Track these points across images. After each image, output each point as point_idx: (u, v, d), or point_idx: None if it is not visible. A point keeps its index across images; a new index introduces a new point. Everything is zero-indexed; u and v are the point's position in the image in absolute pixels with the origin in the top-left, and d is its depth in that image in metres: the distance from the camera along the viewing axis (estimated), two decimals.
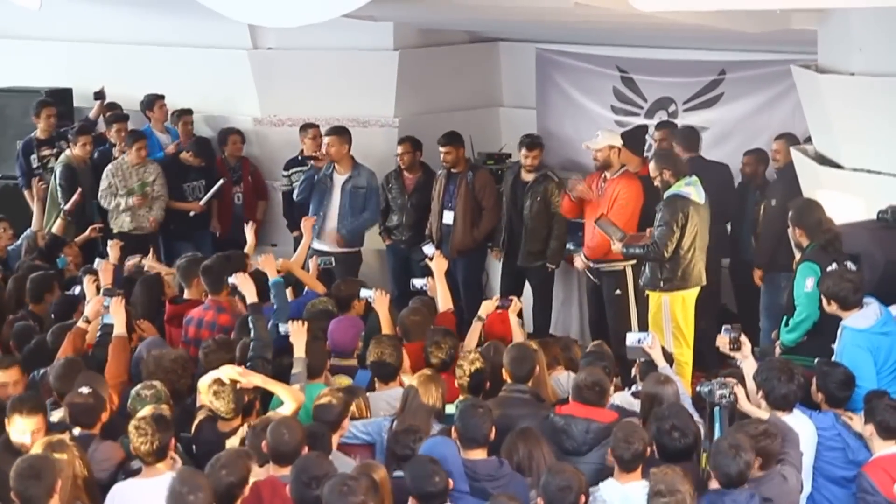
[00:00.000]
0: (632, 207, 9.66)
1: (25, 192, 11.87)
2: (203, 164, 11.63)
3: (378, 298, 8.19)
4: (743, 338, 7.06)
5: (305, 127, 11.57)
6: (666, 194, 8.99)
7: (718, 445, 5.82)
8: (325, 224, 10.75)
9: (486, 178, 11.09)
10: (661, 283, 9.04)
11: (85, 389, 6.47)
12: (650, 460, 6.11)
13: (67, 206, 10.97)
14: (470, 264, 11.05)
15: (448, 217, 10.96)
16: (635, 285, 9.76)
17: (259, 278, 8.48)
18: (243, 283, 7.84)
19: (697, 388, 6.82)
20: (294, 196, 11.07)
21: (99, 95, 12.30)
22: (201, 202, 11.53)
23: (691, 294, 9.08)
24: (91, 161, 11.47)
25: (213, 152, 11.90)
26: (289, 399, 6.65)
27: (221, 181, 11.58)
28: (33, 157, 11.79)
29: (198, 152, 11.63)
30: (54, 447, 5.84)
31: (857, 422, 6.71)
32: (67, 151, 11.40)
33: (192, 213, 11.56)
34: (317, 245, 10.46)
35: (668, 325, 9.00)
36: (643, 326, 9.28)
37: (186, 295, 8.62)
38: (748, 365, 6.97)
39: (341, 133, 10.80)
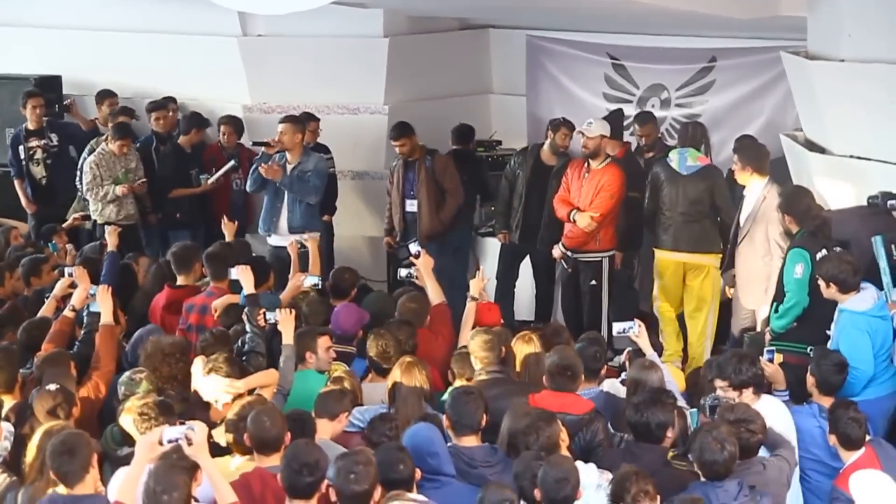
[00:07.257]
0: (616, 198, 9.87)
1: (16, 182, 11.82)
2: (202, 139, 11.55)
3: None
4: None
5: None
6: None
7: (702, 440, 5.79)
8: (279, 218, 10.21)
9: (446, 160, 10.99)
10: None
11: (52, 387, 6.36)
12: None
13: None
14: (439, 249, 10.71)
15: (411, 205, 10.87)
16: (610, 277, 10.03)
17: (260, 263, 8.62)
18: (242, 275, 7.80)
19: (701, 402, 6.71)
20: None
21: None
22: (209, 181, 11.40)
23: (661, 254, 9.81)
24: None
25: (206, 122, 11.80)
26: (264, 383, 6.73)
27: (232, 163, 11.38)
28: (21, 147, 11.72)
29: (189, 128, 11.58)
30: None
31: None
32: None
33: (201, 187, 11.41)
34: (274, 241, 10.18)
35: (656, 280, 9.95)
36: (613, 318, 9.35)
37: (181, 282, 8.60)
38: None
39: (295, 121, 10.33)
